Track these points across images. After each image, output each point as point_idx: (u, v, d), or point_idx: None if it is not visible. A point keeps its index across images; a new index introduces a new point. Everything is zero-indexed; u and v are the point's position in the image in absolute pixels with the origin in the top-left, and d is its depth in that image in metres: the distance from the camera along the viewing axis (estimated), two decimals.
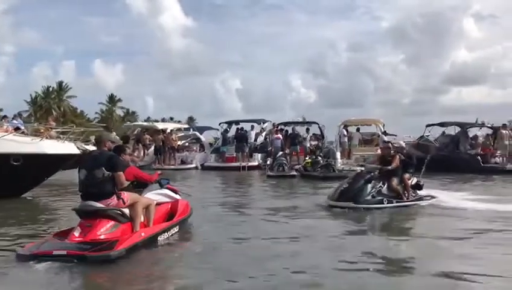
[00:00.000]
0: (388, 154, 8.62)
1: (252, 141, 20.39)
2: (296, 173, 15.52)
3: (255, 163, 19.23)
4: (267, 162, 17.76)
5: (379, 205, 8.03)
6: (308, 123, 21.54)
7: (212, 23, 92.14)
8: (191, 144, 22.78)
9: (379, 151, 10.54)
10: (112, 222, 5.09)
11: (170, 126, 23.52)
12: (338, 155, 17.77)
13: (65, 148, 10.16)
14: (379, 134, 19.67)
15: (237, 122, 21.77)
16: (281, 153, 16.73)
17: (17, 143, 9.40)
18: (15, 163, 9.15)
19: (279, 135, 19.13)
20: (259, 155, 19.82)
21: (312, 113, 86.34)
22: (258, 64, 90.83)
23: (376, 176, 8.33)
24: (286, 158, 16.55)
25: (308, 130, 20.43)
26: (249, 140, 20.22)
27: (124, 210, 5.21)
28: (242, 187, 13.59)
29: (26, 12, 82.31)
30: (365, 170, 8.85)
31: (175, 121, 40.21)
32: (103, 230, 4.99)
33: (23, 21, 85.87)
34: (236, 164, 18.83)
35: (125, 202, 5.22)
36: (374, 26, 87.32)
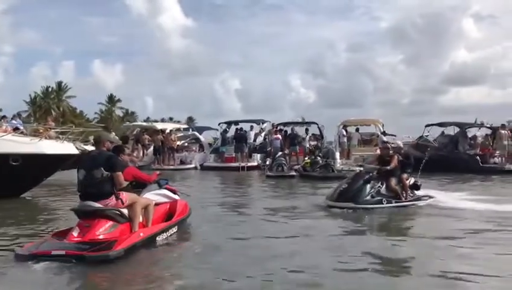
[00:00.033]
0: (387, 154, 8.64)
1: (251, 141, 20.40)
2: (295, 173, 15.53)
3: (254, 163, 19.24)
4: (267, 162, 17.77)
5: (378, 205, 8.05)
6: (307, 123, 21.49)
7: (212, 23, 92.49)
8: (190, 144, 22.75)
9: (378, 151, 10.54)
10: (111, 222, 5.09)
11: (169, 126, 23.53)
12: (337, 155, 17.77)
13: (64, 148, 10.17)
14: (378, 134, 19.63)
15: (236, 122, 21.79)
16: (280, 154, 16.74)
17: (16, 143, 9.41)
18: (14, 163, 9.16)
19: (278, 135, 19.14)
20: (258, 155, 19.83)
21: (311, 113, 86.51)
22: (258, 64, 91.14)
23: (375, 176, 8.34)
24: (285, 158, 16.56)
25: (307, 131, 20.41)
26: (248, 140, 20.24)
27: (123, 210, 5.21)
28: (241, 187, 13.57)
29: (25, 12, 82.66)
30: (364, 170, 8.87)
31: (174, 121, 40.21)
32: (102, 230, 5.00)
33: (22, 21, 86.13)
34: (235, 164, 18.85)
35: (123, 202, 5.21)
36: (373, 26, 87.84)
